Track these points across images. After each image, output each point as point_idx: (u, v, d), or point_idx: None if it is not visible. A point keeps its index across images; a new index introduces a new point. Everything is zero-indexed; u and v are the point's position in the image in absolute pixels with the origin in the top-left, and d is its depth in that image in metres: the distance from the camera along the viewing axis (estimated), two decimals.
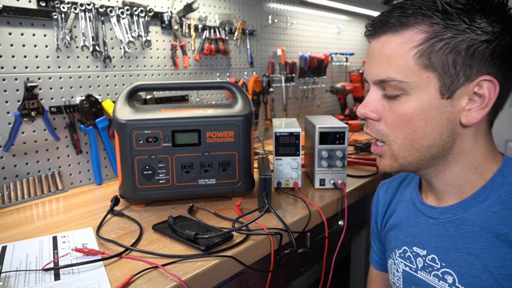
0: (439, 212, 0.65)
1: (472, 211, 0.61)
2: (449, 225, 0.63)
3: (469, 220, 0.61)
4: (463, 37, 0.54)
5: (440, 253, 0.65)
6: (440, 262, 0.65)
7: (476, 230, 0.60)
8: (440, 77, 0.56)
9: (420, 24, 0.56)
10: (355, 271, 1.49)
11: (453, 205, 0.63)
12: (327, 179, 1.08)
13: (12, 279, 0.65)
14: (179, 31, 1.37)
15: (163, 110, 0.96)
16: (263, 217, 0.86)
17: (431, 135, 0.59)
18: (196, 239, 0.74)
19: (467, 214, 0.61)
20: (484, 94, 0.56)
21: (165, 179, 0.93)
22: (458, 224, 0.62)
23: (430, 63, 0.56)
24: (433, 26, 0.55)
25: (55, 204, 1.02)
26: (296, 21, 1.94)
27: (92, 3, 1.11)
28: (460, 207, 0.62)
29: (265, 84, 1.69)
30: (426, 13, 0.55)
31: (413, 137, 0.60)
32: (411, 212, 0.72)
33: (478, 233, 0.59)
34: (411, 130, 0.59)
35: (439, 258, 0.65)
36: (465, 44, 0.54)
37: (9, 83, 1.00)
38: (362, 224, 1.36)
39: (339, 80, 2.31)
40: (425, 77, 0.56)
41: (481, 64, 0.55)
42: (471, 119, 0.57)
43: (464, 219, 0.61)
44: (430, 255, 0.67)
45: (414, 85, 0.57)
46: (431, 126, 0.58)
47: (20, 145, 1.04)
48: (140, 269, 0.66)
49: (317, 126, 1.05)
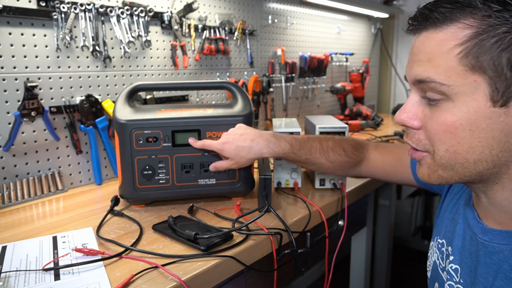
0: (480, 229, 0.58)
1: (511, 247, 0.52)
2: (481, 247, 0.56)
3: (502, 254, 0.53)
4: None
5: (464, 268, 0.59)
6: (460, 277, 0.60)
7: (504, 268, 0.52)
8: (491, 80, 0.47)
9: (467, 17, 0.47)
10: (355, 271, 1.49)
11: (495, 230, 0.55)
12: (327, 179, 1.08)
13: (12, 279, 0.65)
14: (179, 31, 1.37)
15: (163, 110, 0.96)
16: (263, 217, 0.86)
17: (479, 148, 0.50)
18: (196, 239, 0.74)
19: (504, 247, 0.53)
20: None
21: (165, 179, 0.93)
22: (490, 252, 0.54)
23: (478, 63, 0.47)
24: (484, 19, 0.46)
25: (55, 204, 1.02)
26: (296, 21, 1.94)
27: (92, 3, 1.11)
28: (500, 236, 0.54)
29: (265, 84, 1.69)
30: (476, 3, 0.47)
31: (457, 150, 0.51)
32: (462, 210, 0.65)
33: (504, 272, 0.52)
34: (454, 141, 0.51)
35: (461, 272, 0.60)
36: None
37: (9, 83, 1.00)
38: (362, 224, 1.36)
39: (339, 80, 2.31)
40: (472, 80, 0.48)
41: None
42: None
43: (499, 250, 0.53)
44: (455, 264, 0.62)
45: (457, 90, 0.49)
46: (479, 138, 0.49)
47: (20, 145, 1.04)
48: (140, 269, 0.66)
49: (317, 126, 1.05)
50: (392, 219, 1.69)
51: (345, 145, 0.92)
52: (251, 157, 0.86)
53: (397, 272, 2.13)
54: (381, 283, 1.74)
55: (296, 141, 0.88)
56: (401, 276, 2.22)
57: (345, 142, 0.93)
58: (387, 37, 2.70)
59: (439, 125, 0.51)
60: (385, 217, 1.66)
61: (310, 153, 0.88)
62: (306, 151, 0.88)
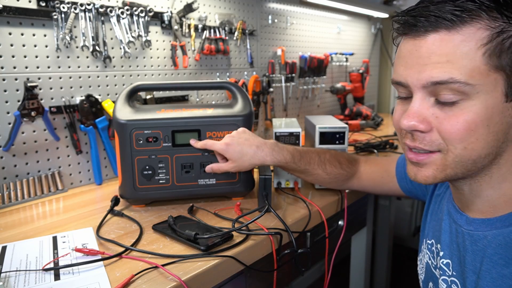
0: (464, 221, 0.61)
1: (493, 232, 0.55)
2: (467, 236, 0.59)
3: (485, 240, 0.56)
4: None
5: (454, 261, 0.62)
6: (452, 270, 0.62)
7: (489, 252, 0.55)
8: (507, 78, 0.50)
9: (481, 18, 0.49)
10: (355, 271, 1.49)
11: (479, 219, 0.58)
12: None
13: (12, 279, 0.65)
14: (179, 31, 1.37)
15: (163, 110, 0.96)
16: (263, 217, 0.86)
17: (491, 142, 0.52)
18: (196, 239, 0.74)
19: (487, 233, 0.56)
20: None
21: (165, 179, 0.93)
22: (476, 240, 0.57)
23: (500, 63, 0.49)
24: (497, 20, 0.49)
25: (55, 204, 1.02)
26: (296, 21, 1.94)
27: (92, 3, 1.11)
28: (484, 224, 0.57)
29: (265, 84, 1.69)
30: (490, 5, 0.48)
31: (474, 147, 0.52)
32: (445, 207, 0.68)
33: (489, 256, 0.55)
34: (473, 139, 0.52)
35: (452, 265, 0.62)
36: None
37: (9, 83, 1.00)
38: (362, 224, 1.36)
39: (339, 80, 2.31)
40: (493, 79, 0.50)
41: None
42: None
43: (483, 237, 0.56)
44: (446, 259, 0.64)
45: (480, 89, 0.50)
46: (493, 133, 0.51)
47: (20, 145, 1.04)
48: (140, 269, 0.66)
49: (317, 126, 1.05)
50: (392, 219, 1.70)
51: (340, 158, 0.95)
52: (254, 163, 0.87)
53: (397, 272, 2.12)
54: (381, 283, 1.74)
55: (297, 152, 0.90)
56: (401, 276, 2.22)
57: (340, 155, 0.96)
58: (387, 37, 2.70)
59: (460, 123, 0.51)
60: (385, 217, 1.66)
61: (309, 163, 0.91)
62: (306, 162, 0.91)
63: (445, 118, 0.53)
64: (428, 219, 0.75)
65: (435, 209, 0.73)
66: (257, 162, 0.87)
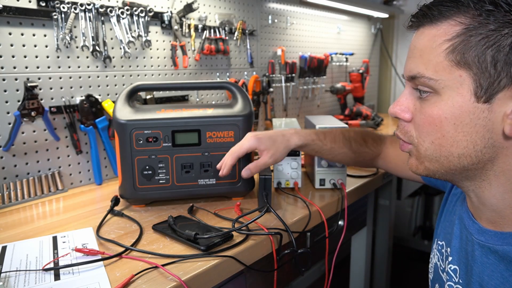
0: (476, 230, 0.58)
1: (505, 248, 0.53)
2: (477, 247, 0.57)
3: (497, 255, 0.53)
4: (509, 30, 0.46)
5: (462, 268, 0.60)
6: (459, 278, 0.61)
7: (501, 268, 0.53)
8: (475, 76, 0.48)
9: (459, 14, 0.49)
10: (355, 271, 1.49)
11: (491, 231, 0.56)
12: (327, 179, 1.08)
13: (12, 279, 0.65)
14: (179, 31, 1.37)
15: (163, 110, 0.96)
16: (263, 217, 0.86)
17: (462, 143, 0.51)
18: (196, 239, 0.74)
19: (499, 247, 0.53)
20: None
21: (165, 179, 0.93)
22: (486, 252, 0.55)
23: (464, 59, 0.48)
24: (474, 17, 0.48)
25: (55, 204, 1.02)
26: (296, 21, 1.94)
27: (92, 3, 1.11)
28: (496, 238, 0.55)
29: (265, 84, 1.69)
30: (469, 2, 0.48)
31: (441, 143, 0.53)
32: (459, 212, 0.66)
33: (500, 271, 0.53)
34: (439, 134, 0.53)
35: (459, 272, 0.61)
36: (511, 39, 0.46)
37: (9, 83, 1.00)
38: (362, 224, 1.36)
39: (339, 80, 2.31)
40: (457, 75, 0.49)
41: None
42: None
43: (494, 251, 0.54)
44: (454, 264, 0.63)
45: (444, 84, 0.50)
46: (463, 133, 0.51)
47: (20, 145, 1.04)
48: (140, 269, 0.66)
49: (317, 126, 1.05)
50: (392, 219, 1.70)
51: (365, 136, 0.95)
52: (288, 145, 0.87)
53: (397, 272, 2.13)
54: (381, 283, 1.74)
55: (321, 132, 0.92)
56: (401, 276, 2.22)
57: (365, 133, 0.96)
58: (387, 37, 2.70)
59: (426, 117, 0.53)
60: (385, 217, 1.66)
61: (334, 141, 0.91)
62: (331, 140, 0.91)
63: (420, 111, 0.55)
64: (442, 218, 0.73)
65: (449, 210, 0.71)
66: (288, 145, 0.87)
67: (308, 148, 0.91)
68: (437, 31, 0.51)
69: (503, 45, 0.46)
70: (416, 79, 0.53)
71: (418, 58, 0.53)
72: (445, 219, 0.71)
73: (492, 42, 0.47)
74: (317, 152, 0.93)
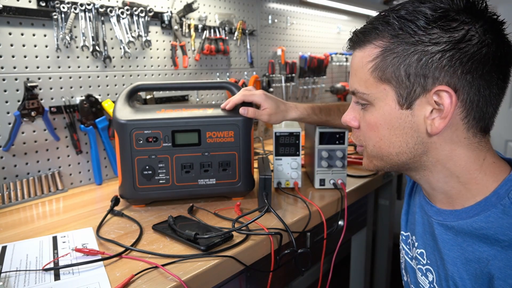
0: (434, 211, 0.66)
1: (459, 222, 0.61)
2: (437, 225, 0.64)
3: (454, 229, 0.61)
4: (414, 48, 0.55)
5: (428, 250, 0.67)
6: (426, 259, 0.67)
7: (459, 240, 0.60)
8: (395, 88, 0.58)
9: (376, 39, 0.59)
10: (355, 271, 1.49)
11: (446, 210, 0.63)
12: (327, 179, 1.08)
13: (12, 279, 0.65)
14: (179, 31, 1.37)
15: (163, 110, 0.96)
16: (263, 217, 0.86)
17: (397, 143, 0.61)
18: (196, 239, 0.74)
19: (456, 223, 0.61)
20: (443, 103, 0.55)
21: (165, 179, 0.93)
22: (445, 229, 0.63)
23: (384, 75, 0.58)
24: (389, 39, 0.58)
25: (55, 204, 1.02)
26: (296, 21, 1.94)
27: (92, 3, 1.11)
28: (452, 215, 0.62)
29: (265, 84, 1.69)
30: (381, 28, 0.59)
31: (381, 145, 0.62)
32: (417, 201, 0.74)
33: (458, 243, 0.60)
34: (378, 138, 0.62)
35: (426, 254, 0.67)
36: (416, 56, 0.55)
37: (9, 83, 1.00)
38: (362, 224, 1.36)
39: (339, 80, 2.31)
40: (382, 89, 0.59)
41: (438, 74, 0.55)
42: (434, 128, 0.57)
43: (451, 227, 0.62)
44: (420, 249, 0.69)
45: (374, 96, 0.60)
46: (396, 135, 0.60)
47: (20, 145, 1.04)
48: (140, 269, 0.66)
49: (317, 126, 1.05)
50: (392, 219, 1.69)
51: None
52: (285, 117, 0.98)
53: (397, 272, 2.13)
54: (381, 283, 1.74)
55: (316, 106, 1.02)
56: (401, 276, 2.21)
57: None
58: None
59: (367, 125, 0.63)
60: (385, 217, 1.66)
61: (329, 115, 1.02)
62: (326, 114, 1.02)
63: (362, 119, 0.65)
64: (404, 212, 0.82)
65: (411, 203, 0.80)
66: (287, 117, 0.98)
67: (305, 120, 1.02)
68: (364, 53, 0.61)
69: (411, 61, 0.56)
70: (355, 94, 0.64)
71: (354, 76, 0.63)
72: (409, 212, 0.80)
73: (402, 59, 0.56)
74: (313, 124, 1.04)
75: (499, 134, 2.32)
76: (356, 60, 0.62)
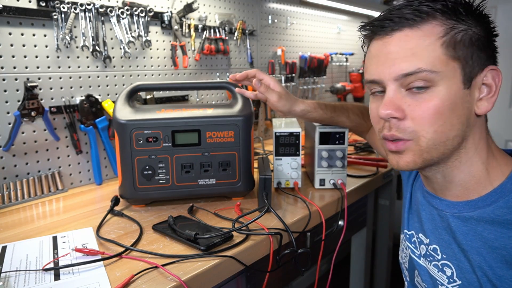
0: (446, 205, 0.65)
1: (478, 212, 0.61)
2: (453, 219, 0.64)
3: (473, 219, 0.61)
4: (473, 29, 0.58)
5: (442, 245, 0.66)
6: (441, 254, 0.66)
7: (479, 230, 0.60)
8: (463, 66, 0.57)
9: (435, 18, 0.58)
10: (355, 271, 1.49)
11: (461, 202, 0.63)
12: (327, 179, 1.08)
13: (12, 279, 0.65)
14: (179, 31, 1.37)
15: (163, 110, 0.96)
16: (263, 217, 0.86)
17: (457, 125, 0.59)
18: (196, 239, 0.74)
19: (474, 213, 0.61)
20: (490, 83, 0.59)
21: (165, 179, 0.93)
22: (463, 221, 0.62)
23: (455, 53, 0.57)
24: (448, 19, 0.57)
25: (55, 204, 1.02)
26: (296, 21, 1.94)
27: (92, 3, 1.11)
28: (468, 206, 0.62)
29: None
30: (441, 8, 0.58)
31: (443, 130, 0.58)
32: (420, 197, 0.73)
33: (479, 233, 0.60)
34: (441, 121, 0.58)
35: (440, 249, 0.66)
36: (476, 36, 0.58)
37: (9, 83, 1.00)
38: (362, 224, 1.36)
39: (339, 80, 2.31)
40: (452, 67, 0.57)
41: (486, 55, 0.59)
42: (483, 108, 0.59)
43: (469, 217, 0.61)
44: (432, 245, 0.68)
45: (443, 75, 0.57)
46: (457, 116, 0.58)
47: (20, 145, 1.04)
48: (140, 269, 0.66)
49: (317, 126, 1.05)
50: (392, 219, 1.69)
51: (363, 110, 1.04)
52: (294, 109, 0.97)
53: (397, 272, 2.13)
54: (381, 283, 1.74)
55: (322, 103, 1.03)
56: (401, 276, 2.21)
57: (363, 107, 1.05)
58: None
59: (429, 108, 0.58)
60: (385, 217, 1.66)
61: (334, 111, 1.01)
62: (331, 110, 1.01)
63: (417, 105, 0.59)
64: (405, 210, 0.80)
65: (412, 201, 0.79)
66: (294, 107, 0.97)
67: (311, 114, 0.99)
68: (423, 32, 0.58)
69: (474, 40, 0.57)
70: (413, 75, 0.58)
71: (412, 56, 0.58)
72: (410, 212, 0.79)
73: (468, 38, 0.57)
74: (318, 119, 1.02)
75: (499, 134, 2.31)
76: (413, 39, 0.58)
